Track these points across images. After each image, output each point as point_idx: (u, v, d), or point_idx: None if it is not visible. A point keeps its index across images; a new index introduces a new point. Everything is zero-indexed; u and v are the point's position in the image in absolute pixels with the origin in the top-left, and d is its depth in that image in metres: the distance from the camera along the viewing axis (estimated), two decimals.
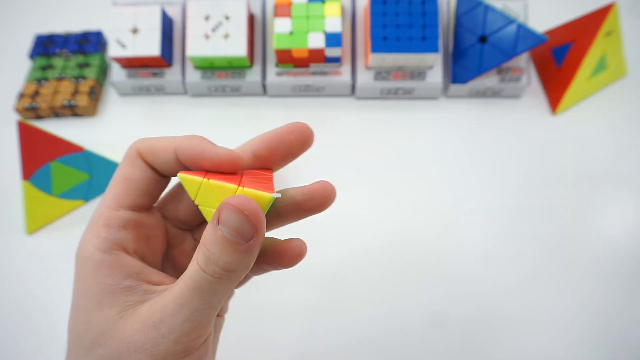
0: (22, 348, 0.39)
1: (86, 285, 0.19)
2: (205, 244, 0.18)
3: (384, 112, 0.53)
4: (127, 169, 0.20)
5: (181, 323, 0.18)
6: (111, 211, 0.20)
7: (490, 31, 0.49)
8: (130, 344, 0.18)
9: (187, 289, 0.18)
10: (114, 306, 0.18)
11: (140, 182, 0.21)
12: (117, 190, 0.20)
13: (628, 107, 0.52)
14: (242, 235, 0.17)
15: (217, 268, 0.17)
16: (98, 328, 0.18)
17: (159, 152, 0.20)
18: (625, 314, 0.40)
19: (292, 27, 0.48)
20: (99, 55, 0.55)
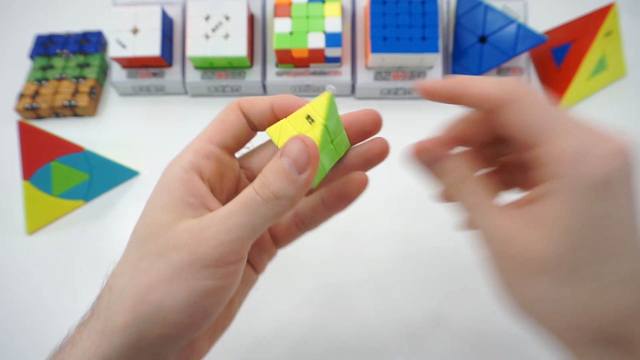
0: (22, 348, 0.39)
1: (159, 191, 0.22)
2: (264, 171, 0.21)
3: (384, 113, 0.52)
4: (225, 114, 0.24)
5: (224, 232, 0.20)
6: (202, 142, 0.23)
7: (490, 31, 0.49)
8: (176, 242, 0.20)
9: (238, 204, 0.21)
10: (172, 213, 0.21)
11: (234, 126, 0.24)
12: (212, 128, 0.24)
13: (628, 107, 0.52)
14: (298, 165, 0.20)
15: (267, 191, 0.20)
16: (154, 226, 0.21)
17: (257, 103, 0.24)
18: None
19: (292, 27, 0.48)
20: (99, 55, 0.55)
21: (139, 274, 0.20)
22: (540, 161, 0.20)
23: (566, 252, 0.19)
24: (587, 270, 0.19)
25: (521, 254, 0.20)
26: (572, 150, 0.18)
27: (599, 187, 0.18)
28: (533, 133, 0.20)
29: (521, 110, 0.20)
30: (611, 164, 0.18)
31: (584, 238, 0.18)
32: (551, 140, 0.19)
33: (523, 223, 0.20)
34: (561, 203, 0.19)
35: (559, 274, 0.19)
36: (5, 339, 0.40)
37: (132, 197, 0.48)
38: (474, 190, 0.23)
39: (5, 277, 0.43)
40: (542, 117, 0.19)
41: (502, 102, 0.20)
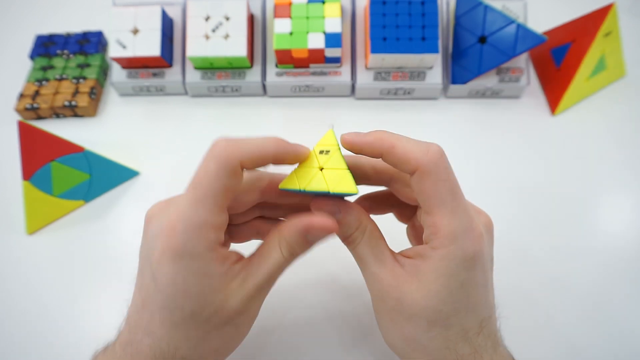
0: (22, 348, 0.40)
1: (201, 278, 0.23)
2: (290, 242, 0.25)
3: (383, 113, 0.53)
4: (229, 181, 0.23)
5: (265, 293, 0.27)
6: (214, 216, 0.23)
7: (490, 31, 0.49)
8: (237, 311, 0.25)
9: (274, 271, 0.26)
10: (223, 289, 0.24)
11: (235, 190, 0.25)
12: (217, 198, 0.23)
13: (627, 108, 0.52)
14: (320, 239, 0.26)
15: (294, 257, 0.26)
16: (213, 307, 0.24)
17: (259, 158, 0.24)
18: (625, 312, 0.40)
19: (292, 28, 0.48)
20: (100, 55, 0.55)
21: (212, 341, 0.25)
22: (429, 225, 0.25)
23: (438, 305, 0.24)
24: (450, 320, 0.25)
25: (405, 300, 0.25)
26: (453, 230, 0.24)
27: (467, 260, 0.24)
28: (431, 204, 0.24)
29: (427, 181, 0.24)
30: (476, 246, 0.24)
31: (451, 296, 0.24)
32: (442, 217, 0.24)
33: (408, 275, 0.25)
34: (439, 267, 0.24)
35: (430, 320, 0.25)
36: (5, 339, 0.40)
37: (133, 197, 0.48)
38: (366, 240, 0.27)
39: (5, 277, 0.43)
40: (442, 193, 0.24)
41: (421, 169, 0.24)
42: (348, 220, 0.27)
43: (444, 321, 0.25)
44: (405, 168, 0.24)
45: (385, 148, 0.25)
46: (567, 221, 0.45)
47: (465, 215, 0.24)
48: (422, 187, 0.24)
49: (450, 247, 0.24)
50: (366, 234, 0.27)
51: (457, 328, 0.25)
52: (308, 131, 0.53)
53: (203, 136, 0.51)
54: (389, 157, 0.25)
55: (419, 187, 0.24)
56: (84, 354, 0.28)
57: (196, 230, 0.23)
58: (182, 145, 0.51)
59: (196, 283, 0.23)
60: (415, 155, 0.24)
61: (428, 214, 0.25)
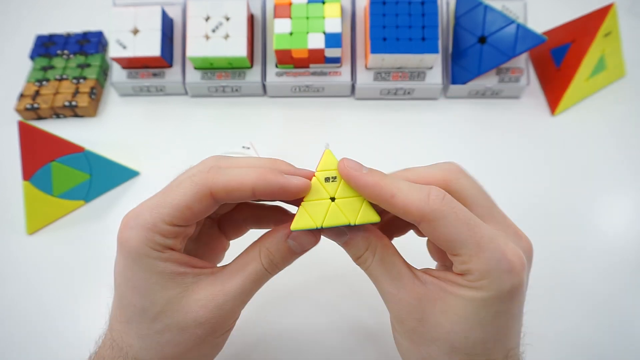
0: (22, 348, 0.40)
1: (148, 273, 0.23)
2: (271, 250, 0.24)
3: (383, 113, 0.53)
4: (193, 201, 0.23)
5: (239, 304, 0.24)
6: (165, 226, 0.23)
7: (490, 32, 0.49)
8: (196, 318, 0.23)
9: (250, 282, 0.24)
10: (175, 288, 0.23)
11: (200, 213, 0.24)
12: (177, 213, 0.23)
13: (627, 108, 0.52)
14: (303, 248, 0.25)
15: (275, 268, 0.25)
16: (163, 304, 0.23)
17: (234, 193, 0.23)
18: (625, 311, 0.40)
19: (292, 28, 0.48)
20: (100, 55, 0.55)
21: (165, 346, 0.24)
22: (457, 263, 0.23)
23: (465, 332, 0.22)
24: (476, 348, 0.23)
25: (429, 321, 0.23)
26: (485, 269, 0.22)
27: (504, 295, 0.22)
28: (452, 248, 0.22)
29: (440, 228, 0.22)
30: (514, 279, 0.22)
31: (481, 325, 0.22)
32: (468, 258, 0.22)
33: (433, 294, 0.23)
34: (472, 296, 0.22)
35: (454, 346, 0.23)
36: (5, 339, 0.40)
37: (133, 197, 0.48)
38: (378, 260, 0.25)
39: (5, 277, 0.43)
40: (459, 235, 0.22)
41: (426, 218, 0.22)
42: (356, 241, 0.25)
43: (469, 349, 0.23)
44: (409, 219, 0.22)
45: (384, 197, 0.22)
46: (567, 221, 0.45)
47: (496, 248, 0.22)
48: (434, 234, 0.22)
49: (483, 281, 0.22)
50: (377, 253, 0.25)
51: (481, 358, 0.23)
52: (308, 131, 0.54)
53: (203, 136, 0.51)
54: (389, 207, 0.23)
55: (431, 234, 0.23)
56: (83, 353, 0.28)
57: (144, 230, 0.23)
58: (182, 145, 0.51)
59: (143, 279, 0.23)
60: (417, 205, 0.22)
61: (455, 255, 0.22)
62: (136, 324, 0.24)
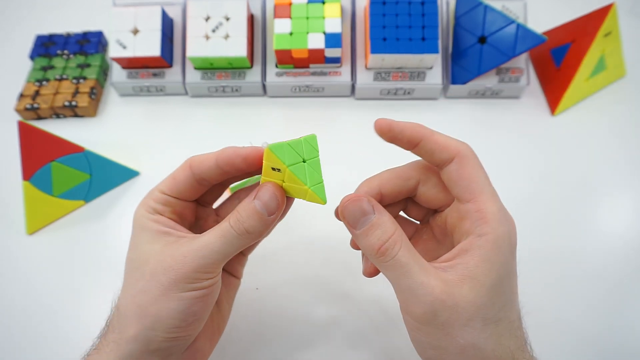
0: (22, 347, 0.40)
1: (140, 230, 0.27)
2: (239, 209, 0.26)
3: (383, 113, 0.52)
4: (177, 171, 0.29)
5: (201, 257, 0.25)
6: (158, 193, 0.28)
7: (490, 32, 0.49)
8: (164, 265, 0.25)
9: (214, 235, 0.26)
10: (157, 242, 0.26)
11: (181, 182, 0.28)
12: (166, 182, 0.29)
13: (627, 108, 0.52)
14: (268, 208, 0.25)
15: (241, 227, 0.25)
16: (146, 255, 0.26)
17: (204, 161, 0.28)
18: (625, 311, 0.40)
19: (292, 28, 0.48)
20: (100, 55, 0.55)
21: (138, 293, 0.26)
22: (474, 212, 0.24)
23: (491, 298, 0.23)
24: (500, 313, 0.24)
25: (460, 305, 0.23)
26: (499, 214, 0.24)
27: (512, 245, 0.24)
28: (474, 189, 0.24)
29: (467, 166, 0.25)
30: (515, 229, 0.24)
31: (502, 286, 0.24)
32: (486, 201, 0.24)
33: (458, 277, 0.23)
34: (492, 255, 0.23)
35: (485, 317, 0.23)
36: (6, 339, 0.40)
37: (133, 197, 0.48)
38: (406, 246, 0.24)
39: (5, 277, 0.43)
40: (480, 179, 0.25)
41: (460, 154, 0.25)
42: (384, 221, 0.24)
43: (496, 316, 0.23)
44: (444, 155, 0.25)
45: (425, 134, 0.25)
46: (567, 221, 0.45)
47: (500, 200, 0.25)
48: (462, 173, 0.25)
49: (499, 230, 0.23)
50: (404, 238, 0.24)
51: (505, 322, 0.24)
52: (308, 131, 0.53)
53: (203, 136, 0.51)
54: (428, 144, 0.25)
55: (458, 173, 0.25)
56: (83, 353, 0.28)
57: (146, 199, 0.29)
58: (182, 145, 0.51)
59: (137, 235, 0.28)
60: (454, 143, 0.25)
61: (471, 201, 0.24)
62: (126, 276, 0.27)
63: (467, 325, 0.23)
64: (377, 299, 0.41)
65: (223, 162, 0.27)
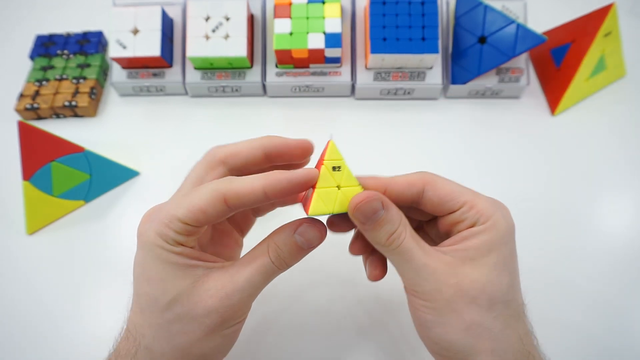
0: (22, 348, 0.40)
1: (161, 264, 0.24)
2: (279, 244, 0.25)
3: (383, 113, 0.53)
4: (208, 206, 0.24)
5: (247, 296, 0.25)
6: (179, 224, 0.24)
7: (490, 32, 0.49)
8: (205, 307, 0.24)
9: (258, 275, 0.25)
10: (186, 278, 0.25)
11: (212, 218, 0.24)
12: (191, 213, 0.24)
13: (627, 108, 0.52)
14: (310, 244, 0.25)
15: (283, 263, 0.25)
16: (175, 293, 0.24)
17: (246, 198, 0.24)
18: (625, 311, 0.40)
19: (292, 28, 0.48)
20: (100, 55, 0.55)
21: (175, 335, 0.25)
22: (467, 212, 0.26)
23: (497, 278, 0.24)
24: (508, 294, 0.25)
25: (464, 282, 0.24)
26: (491, 206, 0.26)
27: (510, 228, 0.25)
28: (457, 200, 0.26)
29: (438, 186, 0.26)
30: (510, 215, 0.26)
31: (506, 266, 0.25)
32: (469, 201, 0.26)
33: (458, 259, 0.25)
34: (491, 238, 0.25)
35: (492, 297, 0.24)
36: (6, 339, 0.40)
37: (133, 197, 0.48)
38: (410, 233, 0.26)
39: (5, 277, 0.43)
40: (455, 188, 0.26)
41: (428, 182, 0.26)
42: (392, 215, 0.25)
43: (504, 296, 0.24)
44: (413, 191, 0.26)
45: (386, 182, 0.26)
46: (566, 221, 0.45)
47: (484, 195, 0.27)
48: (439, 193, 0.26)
49: (495, 216, 0.25)
50: (408, 227, 0.26)
51: (514, 304, 0.25)
52: (308, 131, 0.53)
53: (203, 136, 0.51)
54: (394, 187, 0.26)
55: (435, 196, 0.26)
56: (83, 353, 0.28)
57: (160, 225, 0.24)
58: (182, 145, 0.51)
59: (157, 269, 0.24)
60: (415, 177, 0.26)
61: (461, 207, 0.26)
62: (149, 314, 0.25)
63: (473, 303, 0.24)
64: (377, 296, 0.41)
65: (273, 192, 0.24)
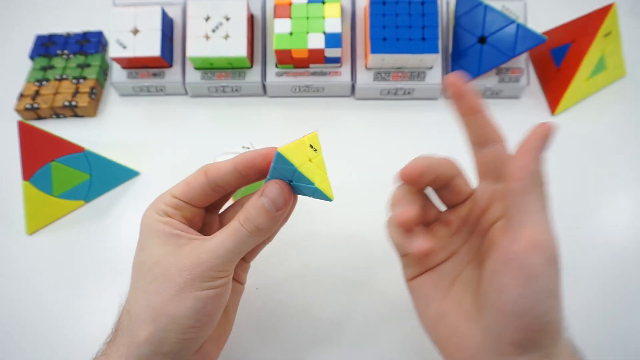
0: (22, 348, 0.40)
1: (150, 232, 0.27)
2: (247, 208, 0.27)
3: (383, 113, 0.53)
4: (192, 177, 0.28)
5: (216, 257, 0.26)
6: (169, 197, 0.28)
7: (490, 32, 0.49)
8: (179, 267, 0.26)
9: (226, 235, 0.26)
10: (169, 245, 0.27)
11: (196, 189, 0.28)
12: (179, 187, 0.28)
13: (627, 108, 0.52)
14: (276, 204, 0.26)
15: (251, 225, 0.26)
16: (157, 257, 0.26)
17: (222, 168, 0.28)
18: (624, 311, 0.40)
19: (292, 28, 0.48)
20: (100, 55, 0.55)
21: (151, 295, 0.26)
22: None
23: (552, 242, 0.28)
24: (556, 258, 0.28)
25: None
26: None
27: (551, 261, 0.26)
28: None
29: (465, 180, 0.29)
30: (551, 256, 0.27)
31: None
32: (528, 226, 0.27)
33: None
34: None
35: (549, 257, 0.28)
36: (6, 339, 0.40)
37: (133, 197, 0.48)
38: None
39: (5, 277, 0.43)
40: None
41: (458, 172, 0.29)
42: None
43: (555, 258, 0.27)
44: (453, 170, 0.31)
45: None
46: (566, 221, 0.45)
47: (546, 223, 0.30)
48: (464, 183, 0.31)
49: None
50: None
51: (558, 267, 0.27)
52: (308, 131, 0.53)
53: (203, 136, 0.51)
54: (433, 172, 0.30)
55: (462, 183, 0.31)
56: (83, 353, 0.28)
57: (156, 202, 0.29)
58: (182, 145, 0.51)
59: (146, 238, 0.27)
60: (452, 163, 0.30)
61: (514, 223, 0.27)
62: (135, 279, 0.27)
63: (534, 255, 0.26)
64: (377, 296, 0.41)
65: (242, 165, 0.27)
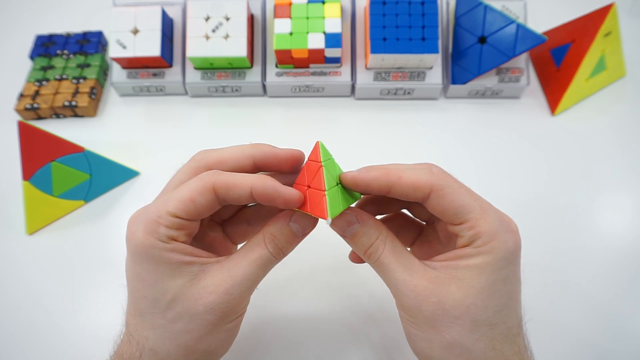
0: (22, 348, 0.40)
1: (156, 264, 0.24)
2: (275, 234, 0.25)
3: (383, 113, 0.53)
4: (193, 193, 0.24)
5: (246, 289, 0.25)
6: (170, 217, 0.24)
7: (490, 32, 0.49)
8: (206, 304, 0.24)
9: (256, 266, 0.25)
10: (183, 276, 0.24)
11: (203, 208, 0.24)
12: (181, 205, 0.24)
13: (627, 107, 0.52)
14: (304, 231, 0.26)
15: (280, 252, 0.26)
16: (172, 293, 0.24)
17: (235, 190, 0.24)
18: (624, 311, 0.40)
19: (292, 28, 0.48)
20: (100, 55, 0.55)
21: (180, 334, 0.24)
22: (467, 231, 0.24)
23: (482, 302, 0.24)
24: (495, 317, 0.24)
25: (447, 302, 0.24)
26: (494, 228, 0.24)
27: (509, 253, 0.24)
28: (461, 214, 0.24)
29: (446, 196, 0.24)
30: (516, 238, 0.25)
31: (496, 291, 0.24)
32: (477, 220, 0.24)
33: (445, 276, 0.24)
34: (482, 263, 0.24)
35: (475, 319, 0.24)
36: (5, 339, 0.40)
37: (133, 197, 0.48)
38: (390, 248, 0.26)
39: (5, 277, 0.43)
40: (466, 200, 0.24)
41: (435, 188, 0.24)
42: (367, 229, 0.26)
43: (489, 319, 0.24)
44: (418, 195, 0.24)
45: (391, 181, 0.24)
46: (566, 221, 0.45)
47: (496, 212, 0.25)
48: (442, 203, 0.24)
49: (496, 240, 0.24)
50: (387, 242, 0.26)
51: (501, 327, 0.24)
52: (308, 131, 0.54)
53: (203, 136, 0.51)
54: (398, 188, 0.24)
55: (440, 206, 0.24)
56: (83, 353, 0.28)
57: (150, 222, 0.24)
58: (182, 145, 0.51)
59: (151, 270, 0.24)
60: (423, 179, 0.24)
61: (462, 223, 0.24)
62: (149, 316, 0.25)
63: (455, 323, 0.24)
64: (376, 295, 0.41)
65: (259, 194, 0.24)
